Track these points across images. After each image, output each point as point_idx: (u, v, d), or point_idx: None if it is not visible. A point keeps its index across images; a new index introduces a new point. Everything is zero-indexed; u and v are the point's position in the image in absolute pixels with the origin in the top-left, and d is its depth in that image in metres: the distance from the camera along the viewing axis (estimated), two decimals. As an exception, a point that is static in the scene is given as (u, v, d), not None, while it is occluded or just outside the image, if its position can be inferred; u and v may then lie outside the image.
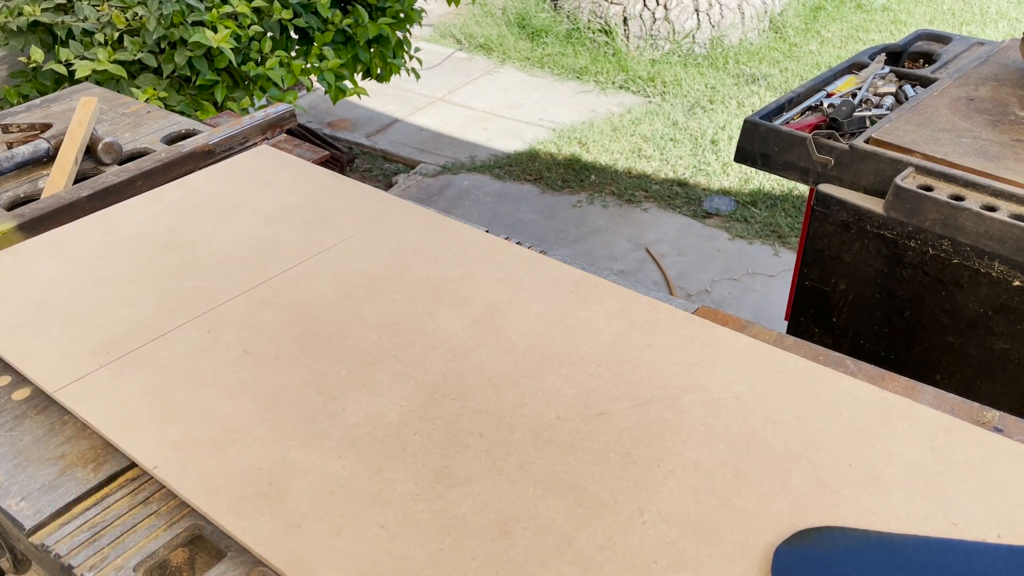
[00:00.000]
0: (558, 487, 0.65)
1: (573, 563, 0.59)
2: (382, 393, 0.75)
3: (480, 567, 0.59)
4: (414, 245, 0.94)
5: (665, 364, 0.77)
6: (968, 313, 1.29)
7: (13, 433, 0.72)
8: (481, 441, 0.69)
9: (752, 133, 1.50)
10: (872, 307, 1.41)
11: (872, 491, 0.64)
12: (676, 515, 0.63)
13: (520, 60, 4.84)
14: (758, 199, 3.43)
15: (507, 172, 3.69)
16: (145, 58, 2.08)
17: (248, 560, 0.62)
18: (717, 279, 3.00)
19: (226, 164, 1.13)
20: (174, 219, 1.01)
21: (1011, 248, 1.19)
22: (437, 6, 4.38)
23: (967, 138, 1.35)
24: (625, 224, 3.33)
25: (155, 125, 1.26)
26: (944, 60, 1.69)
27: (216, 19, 2.15)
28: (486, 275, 0.89)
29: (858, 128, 1.46)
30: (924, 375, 1.38)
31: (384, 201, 1.03)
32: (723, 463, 0.67)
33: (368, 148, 4.03)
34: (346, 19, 2.67)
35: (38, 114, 1.26)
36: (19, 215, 1.00)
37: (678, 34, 4.75)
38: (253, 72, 2.28)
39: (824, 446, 0.68)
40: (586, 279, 0.88)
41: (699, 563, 0.59)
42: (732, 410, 0.72)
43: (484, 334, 0.81)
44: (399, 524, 0.62)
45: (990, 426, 0.71)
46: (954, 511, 0.63)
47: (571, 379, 0.76)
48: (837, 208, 1.36)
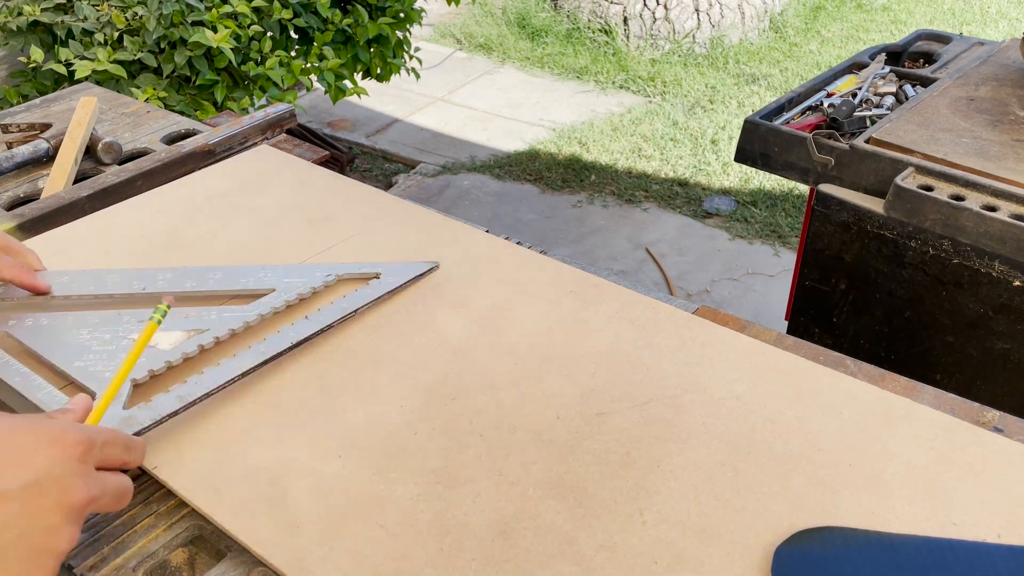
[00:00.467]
0: (558, 487, 0.65)
1: (573, 563, 0.59)
2: (382, 393, 0.75)
3: (480, 567, 0.59)
4: (414, 245, 0.94)
5: (665, 364, 0.77)
6: (968, 313, 1.29)
7: (13, 433, 0.72)
8: (481, 441, 0.69)
9: (752, 133, 1.50)
10: (872, 307, 1.41)
11: (872, 491, 0.64)
12: (676, 515, 0.63)
13: (520, 60, 4.84)
14: (758, 199, 3.43)
15: (507, 172, 3.69)
16: (145, 58, 2.08)
17: (248, 560, 0.62)
18: (717, 279, 3.00)
19: (226, 164, 1.13)
20: (174, 219, 1.01)
21: (1011, 248, 1.19)
22: (437, 6, 4.38)
23: (967, 138, 1.35)
24: (625, 224, 3.33)
25: (155, 125, 1.26)
26: (944, 60, 1.69)
27: (216, 19, 2.14)
28: (486, 275, 0.89)
29: (858, 128, 1.46)
30: (924, 375, 1.38)
31: (384, 201, 1.03)
32: (723, 463, 0.67)
33: (368, 148, 4.03)
34: (346, 19, 2.67)
35: (38, 114, 1.26)
36: (19, 215, 1.00)
37: (678, 34, 4.75)
38: (253, 72, 2.28)
39: (824, 446, 0.68)
40: (586, 279, 0.88)
41: (699, 563, 0.59)
42: (732, 410, 0.72)
43: (484, 334, 0.81)
44: (399, 524, 0.62)
45: (990, 426, 0.71)
46: (954, 511, 0.63)
47: (571, 379, 0.76)
48: (837, 208, 1.36)
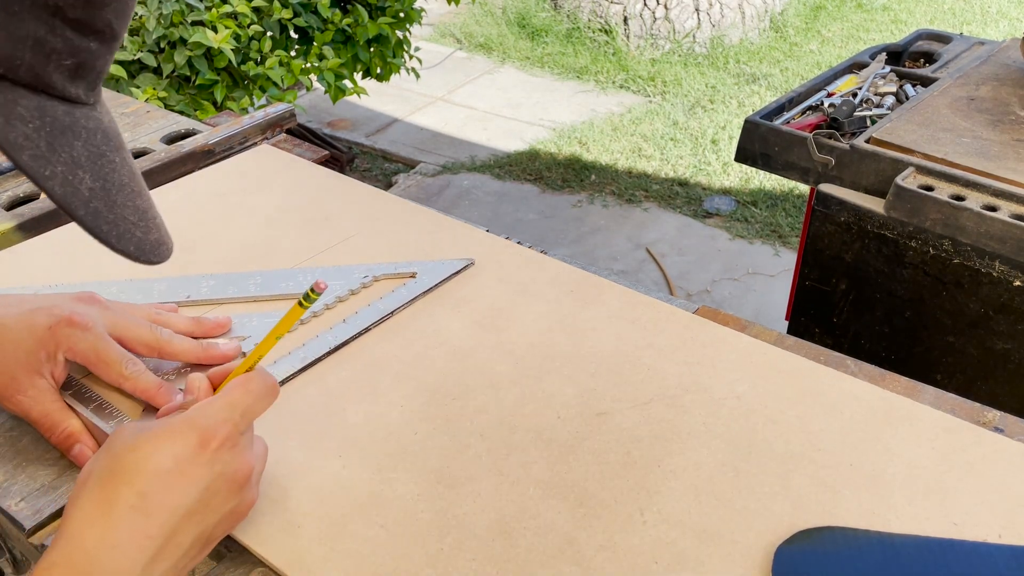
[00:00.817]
0: (558, 487, 0.65)
1: (573, 563, 0.59)
2: (383, 393, 0.75)
3: (480, 567, 0.59)
4: (415, 244, 0.94)
5: (666, 364, 0.77)
6: (969, 313, 1.29)
7: (12, 433, 0.72)
8: (481, 441, 0.69)
9: (752, 133, 1.50)
10: (873, 307, 1.41)
11: (873, 491, 0.64)
12: (676, 515, 0.63)
13: (520, 60, 4.84)
14: (758, 199, 3.43)
15: (507, 172, 3.69)
16: (145, 58, 2.08)
17: (248, 560, 0.62)
18: (717, 279, 3.00)
19: (226, 164, 1.13)
20: (175, 219, 1.01)
21: (1012, 248, 1.19)
22: (437, 6, 4.38)
23: (968, 138, 1.35)
24: (625, 224, 3.33)
25: (155, 125, 1.26)
26: (945, 60, 1.69)
27: (216, 19, 2.14)
28: (486, 275, 0.89)
29: (859, 128, 1.46)
30: (925, 375, 1.38)
31: (385, 201, 1.03)
32: (724, 463, 0.67)
33: (368, 148, 4.03)
34: (346, 19, 2.67)
35: (38, 114, 1.26)
36: (19, 215, 1.00)
37: (678, 33, 4.75)
38: (253, 72, 2.28)
39: (825, 446, 0.68)
40: (587, 279, 0.88)
41: (699, 563, 0.59)
42: (733, 410, 0.72)
43: (485, 334, 0.81)
44: (399, 524, 0.62)
45: (991, 426, 0.71)
46: (955, 511, 0.62)
47: (572, 379, 0.76)
48: (838, 208, 1.36)
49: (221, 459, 0.55)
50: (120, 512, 0.51)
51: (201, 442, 0.55)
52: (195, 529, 0.54)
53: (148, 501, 0.52)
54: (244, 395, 0.58)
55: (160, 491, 0.52)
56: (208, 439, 0.55)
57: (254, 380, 0.60)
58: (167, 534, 0.52)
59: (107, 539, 0.50)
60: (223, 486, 0.56)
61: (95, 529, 0.51)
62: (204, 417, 0.56)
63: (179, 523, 0.53)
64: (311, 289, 0.58)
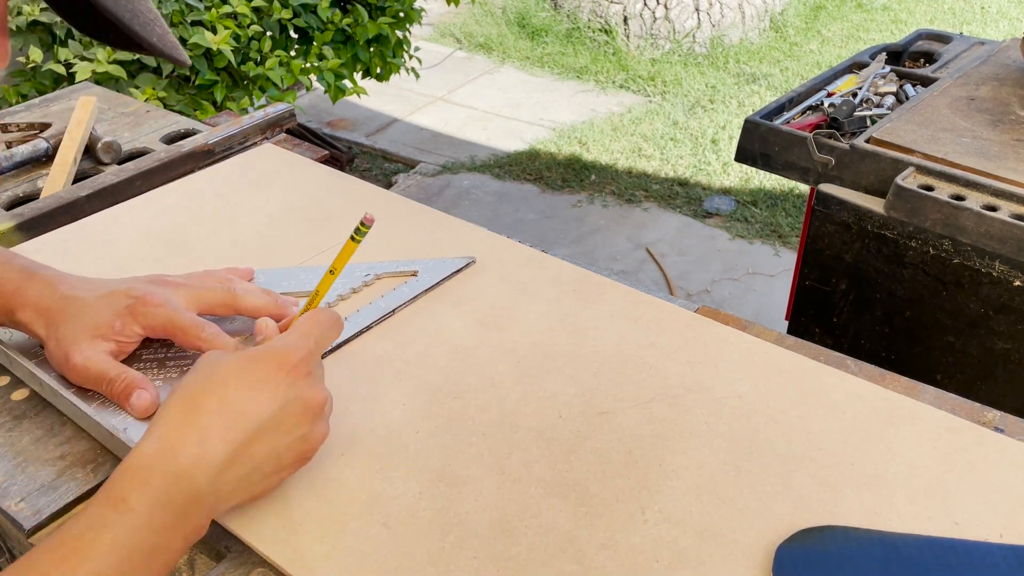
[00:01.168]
0: (560, 486, 0.65)
1: (574, 561, 0.59)
2: (384, 391, 0.75)
3: (481, 565, 0.59)
4: (416, 243, 0.94)
5: (668, 363, 0.77)
6: (969, 313, 1.29)
7: (12, 433, 0.72)
8: (483, 440, 0.69)
9: (752, 133, 1.50)
10: (873, 307, 1.41)
11: (874, 490, 0.64)
12: (678, 514, 0.63)
13: (520, 59, 4.84)
14: (758, 199, 3.43)
15: (507, 172, 3.69)
16: (144, 58, 2.08)
17: (248, 560, 0.62)
18: (717, 279, 3.00)
19: (227, 164, 1.13)
20: (176, 219, 1.01)
21: (1012, 248, 1.19)
22: (437, 5, 4.38)
23: (968, 138, 1.35)
24: (625, 224, 3.33)
25: (154, 125, 1.26)
26: (945, 60, 1.69)
27: (216, 19, 2.14)
28: (488, 273, 0.89)
29: (859, 128, 1.46)
30: (925, 375, 1.38)
31: (386, 199, 1.03)
32: (725, 462, 0.67)
33: (368, 148, 4.03)
34: (346, 19, 2.67)
35: (37, 113, 1.26)
36: (18, 215, 1.00)
37: (678, 33, 4.75)
38: (252, 72, 2.28)
39: (826, 446, 0.68)
40: (588, 278, 0.88)
41: (700, 562, 0.59)
42: (735, 409, 0.72)
43: (486, 332, 0.81)
44: (401, 522, 0.62)
45: (991, 426, 0.71)
46: (956, 511, 0.63)
47: (573, 378, 0.76)
48: (838, 208, 1.36)
49: (297, 383, 0.61)
50: (203, 416, 0.58)
51: (280, 364, 0.60)
52: (267, 445, 0.59)
53: (229, 408, 0.58)
54: (315, 325, 0.65)
55: (240, 402, 0.58)
56: (285, 362, 0.61)
57: (322, 313, 0.67)
58: (243, 441, 0.58)
59: (189, 438, 0.57)
60: (298, 408, 0.61)
61: (180, 429, 0.57)
62: (283, 344, 0.62)
63: (254, 434, 0.58)
64: (361, 223, 0.63)
